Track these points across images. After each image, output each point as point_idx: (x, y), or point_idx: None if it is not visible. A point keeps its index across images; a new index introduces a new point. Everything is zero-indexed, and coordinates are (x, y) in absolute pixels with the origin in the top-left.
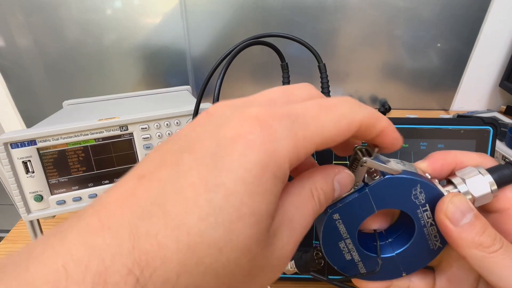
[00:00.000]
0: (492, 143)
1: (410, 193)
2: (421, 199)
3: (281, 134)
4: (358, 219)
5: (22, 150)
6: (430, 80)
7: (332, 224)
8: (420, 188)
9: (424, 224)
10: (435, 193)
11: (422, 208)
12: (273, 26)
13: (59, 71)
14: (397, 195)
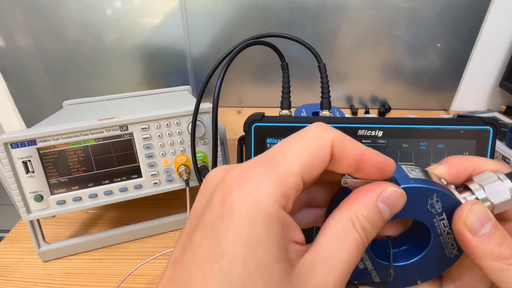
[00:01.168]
0: (492, 143)
1: (426, 202)
2: (438, 208)
3: (257, 182)
4: None
5: (22, 150)
6: (430, 80)
7: None
8: (436, 197)
9: (441, 232)
10: (452, 201)
11: (439, 217)
12: (273, 26)
13: (59, 71)
14: (412, 205)
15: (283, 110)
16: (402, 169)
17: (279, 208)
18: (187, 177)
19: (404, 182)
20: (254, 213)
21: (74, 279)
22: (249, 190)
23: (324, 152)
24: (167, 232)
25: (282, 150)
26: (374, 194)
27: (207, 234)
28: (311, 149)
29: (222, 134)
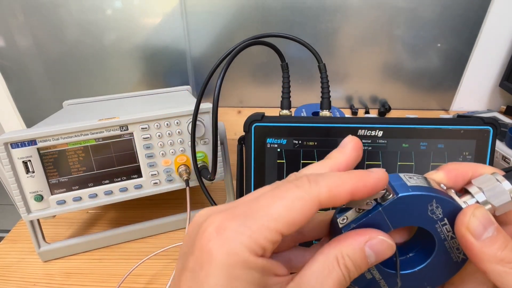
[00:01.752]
0: (492, 143)
1: (426, 209)
2: (438, 214)
3: (235, 233)
4: None
5: (22, 150)
6: (430, 80)
7: None
8: (436, 203)
9: (445, 238)
10: (452, 206)
11: (441, 222)
12: (273, 26)
13: (59, 71)
14: (412, 212)
15: (283, 110)
16: (400, 178)
17: (254, 257)
18: (187, 177)
19: (402, 190)
20: (231, 262)
21: (74, 279)
22: (226, 241)
23: (310, 210)
24: (167, 232)
25: (265, 206)
26: (363, 238)
27: (190, 278)
28: (295, 209)
29: (222, 134)
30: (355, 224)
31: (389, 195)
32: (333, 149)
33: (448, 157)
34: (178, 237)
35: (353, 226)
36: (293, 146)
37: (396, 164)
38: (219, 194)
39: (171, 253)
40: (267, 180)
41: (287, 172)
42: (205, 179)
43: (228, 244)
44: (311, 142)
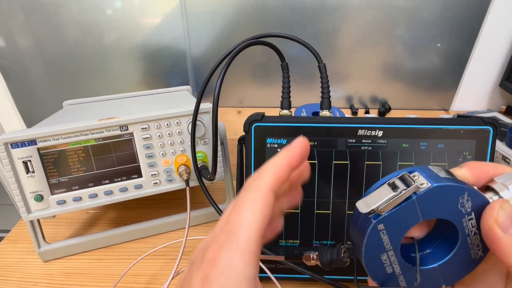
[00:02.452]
0: (492, 143)
1: (457, 201)
2: (468, 208)
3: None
4: (402, 229)
5: (22, 150)
6: (430, 80)
7: (376, 235)
8: (467, 196)
9: (468, 233)
10: (481, 200)
11: (468, 216)
12: (273, 26)
13: (59, 71)
14: (444, 204)
15: (283, 110)
16: (431, 170)
17: (248, 278)
18: (187, 177)
19: (436, 181)
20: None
21: (74, 279)
22: (222, 270)
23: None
24: (167, 232)
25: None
26: None
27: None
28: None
29: (222, 134)
30: (386, 213)
31: (424, 184)
32: (332, 149)
33: (448, 157)
34: (178, 237)
35: (385, 215)
36: None
37: (396, 164)
38: (219, 194)
39: (169, 252)
40: None
41: None
42: (205, 179)
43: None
44: (311, 142)
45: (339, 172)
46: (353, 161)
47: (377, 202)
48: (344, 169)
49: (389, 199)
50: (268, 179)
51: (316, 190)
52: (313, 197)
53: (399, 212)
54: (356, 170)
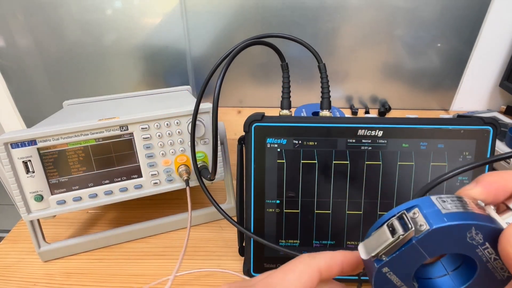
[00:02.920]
0: (492, 143)
1: (465, 236)
2: (479, 240)
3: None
4: (410, 267)
5: (22, 150)
6: (430, 80)
7: (383, 277)
8: (475, 230)
9: (487, 260)
10: (493, 230)
11: (482, 247)
12: (273, 26)
13: (59, 71)
14: (450, 242)
15: (283, 110)
16: (433, 203)
17: None
18: (187, 177)
19: (436, 221)
20: None
21: (74, 279)
22: None
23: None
24: (167, 232)
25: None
26: None
27: None
28: (303, 280)
29: (222, 134)
30: (387, 258)
31: (422, 226)
32: (332, 149)
33: (448, 157)
34: (178, 237)
35: (386, 260)
36: (293, 146)
37: (396, 164)
38: (219, 194)
39: (169, 253)
40: (267, 180)
41: (287, 172)
42: (205, 179)
43: None
44: (311, 142)
45: (339, 172)
46: (353, 161)
47: (376, 248)
48: (344, 169)
49: (388, 245)
50: (321, 262)
51: (316, 190)
52: (313, 197)
53: (401, 256)
54: (356, 170)
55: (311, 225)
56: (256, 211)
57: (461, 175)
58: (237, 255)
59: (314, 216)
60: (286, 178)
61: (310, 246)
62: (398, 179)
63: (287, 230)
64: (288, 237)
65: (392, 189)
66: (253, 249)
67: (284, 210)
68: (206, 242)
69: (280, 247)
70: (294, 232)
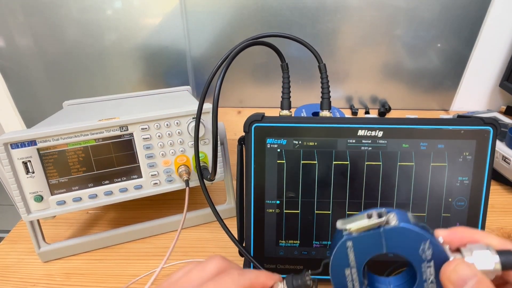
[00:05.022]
0: (492, 143)
1: (418, 246)
2: (428, 255)
3: None
4: (367, 253)
5: (22, 150)
6: (430, 80)
7: (344, 249)
8: (429, 244)
9: (426, 279)
10: (441, 253)
11: (427, 263)
12: (273, 26)
13: (59, 71)
14: (406, 244)
15: (283, 110)
16: (407, 215)
17: None
18: (187, 178)
19: (403, 222)
20: None
21: (74, 280)
22: None
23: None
24: (167, 232)
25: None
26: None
27: None
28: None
29: (222, 134)
30: (356, 234)
31: (393, 222)
32: (333, 149)
33: (448, 157)
34: (179, 237)
35: (354, 235)
36: (293, 146)
37: (396, 164)
38: (219, 194)
39: (171, 253)
40: (267, 180)
41: (287, 173)
42: (205, 179)
43: None
44: (311, 142)
45: (339, 173)
46: (353, 161)
47: (351, 223)
48: (344, 170)
49: (361, 224)
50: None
51: (316, 191)
52: (313, 197)
53: (366, 237)
54: (356, 171)
55: (311, 225)
56: (256, 211)
57: (461, 175)
58: (237, 255)
59: (314, 217)
60: (286, 179)
61: (310, 247)
62: (398, 180)
63: (287, 231)
64: (288, 237)
65: (392, 190)
66: (253, 249)
67: (284, 211)
68: (206, 243)
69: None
70: (294, 232)
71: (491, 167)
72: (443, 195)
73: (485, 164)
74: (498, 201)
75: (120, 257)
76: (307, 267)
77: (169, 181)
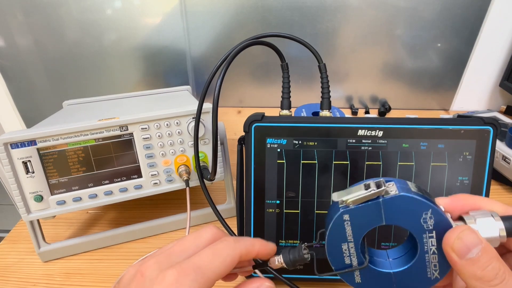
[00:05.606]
0: (492, 143)
1: (420, 215)
2: (430, 225)
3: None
4: (365, 226)
5: (22, 150)
6: (430, 80)
7: (341, 223)
8: (431, 213)
9: (427, 250)
10: (444, 222)
11: (429, 233)
12: (273, 26)
13: (59, 71)
14: (407, 214)
15: (283, 110)
16: (406, 183)
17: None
18: (187, 177)
19: (404, 191)
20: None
21: (74, 279)
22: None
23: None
24: (167, 232)
25: (207, 264)
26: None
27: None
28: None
29: (222, 134)
30: (353, 206)
31: (392, 191)
32: (333, 149)
33: (448, 157)
34: (178, 237)
35: (351, 207)
36: (293, 146)
37: (396, 164)
38: (219, 194)
39: None
40: (267, 180)
41: (287, 172)
42: (205, 179)
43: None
44: (311, 142)
45: (339, 173)
46: (353, 161)
47: (348, 195)
48: (344, 169)
49: (358, 195)
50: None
51: (316, 190)
52: (313, 197)
53: (364, 209)
54: (356, 170)
55: (311, 225)
56: (256, 211)
57: (461, 175)
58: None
59: (314, 217)
60: (286, 178)
61: (310, 247)
62: None
63: (287, 231)
64: (288, 237)
65: None
66: None
67: (284, 210)
68: None
69: (283, 278)
70: (294, 232)
71: (491, 167)
72: (443, 195)
73: (485, 164)
74: (498, 201)
75: (120, 257)
76: (307, 267)
77: (169, 181)
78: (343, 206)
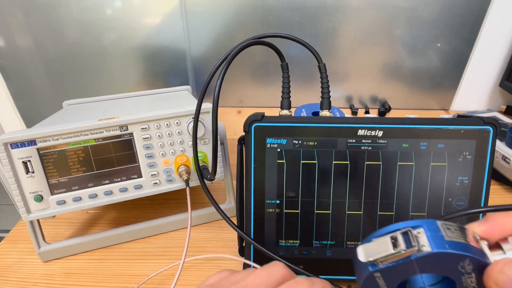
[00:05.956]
0: (492, 143)
1: (457, 264)
2: (468, 269)
3: None
4: (399, 278)
5: (22, 150)
6: (430, 80)
7: (373, 280)
8: (469, 261)
9: (467, 287)
10: (483, 264)
11: (467, 275)
12: (273, 26)
13: (59, 71)
14: (443, 265)
15: (283, 110)
16: (438, 228)
17: None
18: (187, 177)
19: (438, 245)
20: None
21: (74, 279)
22: None
23: None
24: (167, 232)
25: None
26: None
27: None
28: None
29: (222, 134)
30: (383, 266)
31: (424, 247)
32: (332, 149)
33: (448, 157)
34: (178, 237)
35: (381, 267)
36: (293, 146)
37: (396, 164)
38: (219, 194)
39: (170, 253)
40: (267, 180)
41: (287, 172)
42: (205, 179)
43: None
44: (311, 142)
45: (339, 172)
46: (353, 161)
47: (376, 255)
48: (344, 169)
49: (388, 256)
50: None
51: (316, 190)
52: (313, 197)
53: (396, 267)
54: (356, 170)
55: (311, 225)
56: (256, 211)
57: (461, 175)
58: (237, 255)
59: (314, 216)
60: (286, 178)
61: (310, 246)
62: (398, 180)
63: (287, 230)
64: (288, 237)
65: (392, 190)
66: (253, 249)
67: (284, 210)
68: (206, 242)
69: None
70: (294, 232)
71: (491, 167)
72: (443, 195)
73: (485, 164)
74: (498, 201)
75: (120, 257)
76: (307, 267)
77: (169, 181)
78: (372, 265)
